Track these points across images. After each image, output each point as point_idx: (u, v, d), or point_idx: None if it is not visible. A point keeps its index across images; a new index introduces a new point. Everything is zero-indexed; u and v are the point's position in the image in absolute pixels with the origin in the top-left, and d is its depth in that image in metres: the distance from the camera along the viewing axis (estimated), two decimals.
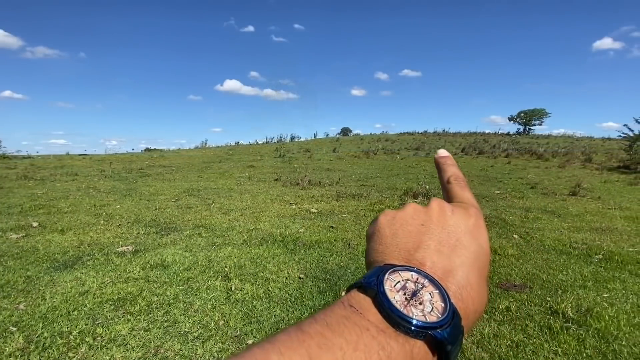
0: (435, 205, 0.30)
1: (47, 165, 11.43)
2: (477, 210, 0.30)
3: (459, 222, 0.28)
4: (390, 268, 0.24)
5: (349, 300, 0.23)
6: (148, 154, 17.94)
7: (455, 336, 0.22)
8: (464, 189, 0.33)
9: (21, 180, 7.76)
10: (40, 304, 2.27)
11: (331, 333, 0.20)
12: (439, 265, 0.25)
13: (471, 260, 0.26)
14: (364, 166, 11.94)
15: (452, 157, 0.37)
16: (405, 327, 0.21)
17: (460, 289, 0.24)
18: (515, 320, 2.17)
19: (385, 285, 0.23)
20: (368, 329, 0.21)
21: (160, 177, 8.84)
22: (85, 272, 2.76)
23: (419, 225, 0.28)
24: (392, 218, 0.29)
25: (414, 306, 0.22)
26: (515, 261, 3.17)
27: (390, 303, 0.22)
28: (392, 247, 0.27)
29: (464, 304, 0.24)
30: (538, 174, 10.11)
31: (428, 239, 0.27)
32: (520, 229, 4.20)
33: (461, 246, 0.26)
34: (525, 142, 20.78)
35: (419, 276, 0.24)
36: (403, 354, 0.20)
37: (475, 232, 0.28)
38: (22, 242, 3.45)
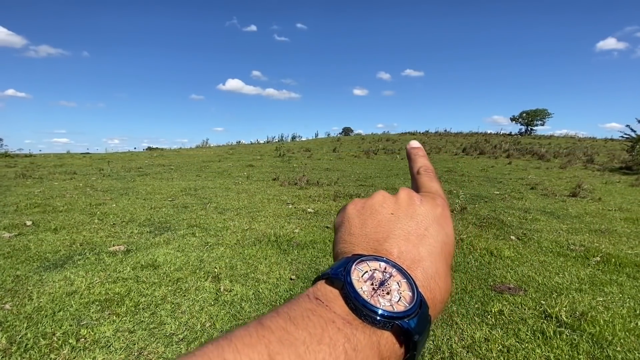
0: (404, 194, 0.30)
1: (46, 164, 11.45)
2: (444, 201, 0.31)
3: (427, 211, 0.28)
4: (358, 258, 0.24)
5: (315, 293, 0.22)
6: (148, 152, 17.96)
7: (422, 326, 0.22)
8: (433, 179, 0.33)
9: (19, 178, 7.77)
10: (27, 304, 2.24)
11: (294, 327, 0.19)
12: (407, 254, 0.25)
13: (438, 249, 0.26)
14: (363, 166, 11.89)
15: (423, 149, 0.37)
16: (372, 318, 0.21)
17: (428, 278, 0.24)
18: (507, 324, 2.12)
19: (353, 275, 0.23)
20: (334, 321, 0.20)
21: (159, 176, 8.83)
22: (75, 272, 2.73)
23: (389, 214, 0.28)
24: (362, 207, 0.29)
25: (381, 296, 0.22)
26: (511, 263, 3.12)
27: (357, 293, 0.22)
28: (361, 237, 0.27)
29: (431, 293, 0.24)
30: (539, 174, 10.03)
31: (397, 229, 0.26)
32: (518, 230, 4.15)
33: (429, 235, 0.26)
34: (527, 143, 20.66)
35: (387, 266, 0.24)
36: (370, 345, 0.20)
37: (442, 222, 0.28)
38: (14, 241, 3.43)
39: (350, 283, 0.22)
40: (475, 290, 2.57)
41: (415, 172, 0.35)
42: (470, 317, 2.18)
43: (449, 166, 11.70)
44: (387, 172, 10.28)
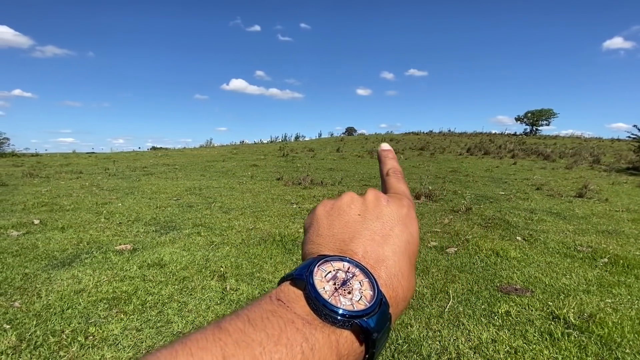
0: (371, 195, 0.30)
1: (53, 164, 11.56)
2: (410, 201, 0.32)
3: (393, 212, 0.29)
4: (323, 259, 0.25)
5: (277, 294, 0.22)
6: (153, 152, 18.06)
7: (381, 324, 0.22)
8: (400, 181, 0.35)
9: (26, 177, 7.85)
10: (36, 301, 2.27)
11: (252, 328, 0.19)
12: (372, 254, 0.26)
13: (402, 249, 0.27)
14: (367, 166, 11.87)
15: (393, 151, 0.39)
16: (332, 318, 0.21)
17: (391, 277, 0.25)
18: (514, 325, 2.11)
19: (316, 276, 0.23)
20: (293, 321, 0.20)
21: (163, 176, 8.88)
22: (82, 270, 2.76)
23: (356, 215, 0.28)
24: (330, 208, 0.30)
25: (342, 295, 0.22)
26: (518, 264, 3.10)
27: (318, 293, 0.22)
28: (329, 238, 0.27)
29: (394, 291, 0.25)
30: (544, 175, 9.96)
31: (363, 229, 0.27)
32: (523, 231, 4.12)
33: (394, 235, 0.27)
34: (532, 143, 20.51)
35: (351, 265, 0.24)
36: (328, 344, 0.20)
37: (408, 222, 0.29)
38: (23, 240, 3.47)
39: (312, 284, 0.22)
40: (481, 291, 2.56)
41: (385, 173, 0.36)
42: (476, 318, 2.17)
43: (453, 166, 11.65)
44: None
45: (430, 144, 19.73)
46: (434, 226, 4.28)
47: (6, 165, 10.61)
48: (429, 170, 8.37)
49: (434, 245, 3.55)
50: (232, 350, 0.18)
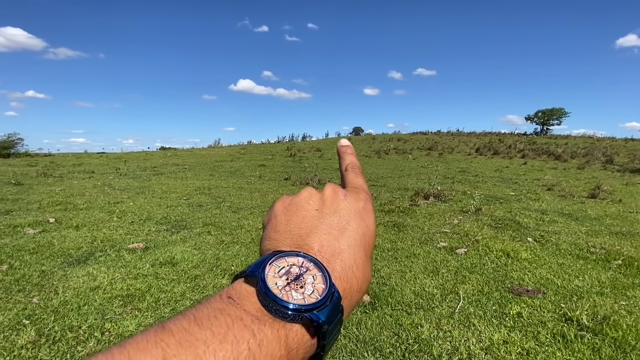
0: (329, 190, 0.31)
1: (66, 163, 11.80)
2: (367, 195, 0.32)
3: (350, 206, 0.29)
4: (277, 254, 0.25)
5: (229, 292, 0.22)
6: (162, 152, 18.29)
7: (333, 316, 0.22)
8: (358, 175, 0.35)
9: (41, 177, 8.03)
10: (53, 298, 2.33)
11: (198, 327, 0.19)
12: (328, 248, 0.26)
13: (358, 241, 0.27)
14: (375, 166, 11.84)
15: (352, 147, 0.40)
16: (282, 312, 0.21)
17: (345, 269, 0.25)
18: (526, 326, 2.10)
19: (269, 272, 0.23)
20: (242, 318, 0.20)
21: (173, 176, 8.99)
22: (97, 268, 2.82)
23: (314, 210, 0.29)
24: (289, 204, 0.30)
25: (294, 290, 0.23)
26: (529, 265, 3.07)
27: (268, 289, 0.22)
28: (286, 234, 0.27)
29: (348, 284, 0.25)
30: (555, 175, 9.80)
31: (320, 223, 0.28)
32: (534, 232, 4.07)
33: (350, 228, 0.28)
34: (543, 143, 20.19)
35: (305, 260, 0.25)
36: (277, 339, 0.20)
37: (364, 215, 0.30)
38: (39, 238, 3.56)
39: (263, 279, 0.23)
40: (492, 292, 2.54)
41: (344, 168, 0.37)
42: (487, 319, 2.16)
43: (462, 166, 11.55)
44: (399, 172, 10.21)
45: (438, 143, 19.58)
46: (443, 227, 4.26)
47: (21, 165, 10.86)
48: (438, 170, 8.32)
49: (443, 246, 3.53)
50: (174, 351, 0.18)
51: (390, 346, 1.88)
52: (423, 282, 2.69)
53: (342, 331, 2.01)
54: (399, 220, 4.52)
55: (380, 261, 3.11)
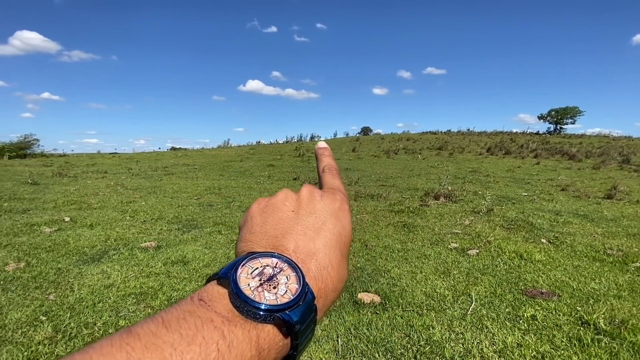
0: (305, 191, 0.31)
1: (80, 164, 12.07)
2: (343, 195, 0.33)
3: (326, 206, 0.30)
4: (250, 255, 0.25)
5: (200, 294, 0.22)
6: (173, 152, 18.54)
7: (305, 316, 0.22)
8: (335, 177, 0.36)
9: (56, 177, 8.22)
10: (69, 295, 2.38)
11: (165, 330, 0.19)
12: (303, 248, 0.26)
13: (334, 241, 0.27)
14: (384, 166, 11.77)
15: (329, 149, 0.40)
16: (254, 313, 0.21)
17: (321, 269, 0.25)
18: (541, 329, 2.05)
19: (241, 273, 0.23)
20: (212, 320, 0.20)
21: (184, 176, 9.11)
22: (111, 266, 2.87)
23: (290, 211, 0.29)
24: (265, 206, 0.30)
25: (267, 290, 0.23)
26: (543, 267, 3.01)
27: (240, 290, 0.22)
28: (261, 235, 0.27)
29: (323, 283, 0.25)
30: (570, 175, 9.59)
31: (296, 224, 0.28)
32: (549, 234, 3.99)
33: (326, 229, 0.28)
34: (556, 142, 19.77)
35: (279, 261, 0.25)
36: (247, 340, 0.20)
37: (340, 215, 0.30)
38: (55, 236, 3.64)
39: (235, 281, 0.23)
40: (505, 294, 2.50)
41: (321, 170, 0.37)
42: (501, 322, 2.12)
43: (473, 166, 11.39)
44: (409, 172, 10.13)
45: (448, 143, 19.36)
46: (454, 227, 4.21)
47: (37, 165, 11.15)
48: (448, 171, 8.22)
49: (454, 247, 3.49)
50: (139, 354, 0.17)
51: (402, 347, 1.86)
52: (434, 283, 2.66)
53: (353, 331, 2.00)
54: (409, 220, 4.48)
55: (390, 262, 3.09)
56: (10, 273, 2.69)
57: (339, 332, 2.01)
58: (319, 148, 0.41)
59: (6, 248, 3.24)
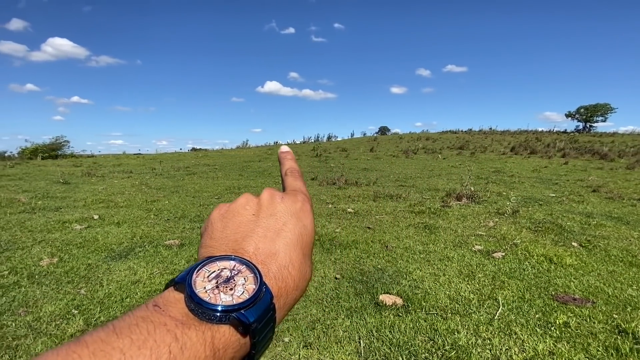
0: (266, 194, 0.32)
1: (106, 164, 12.57)
2: (305, 196, 0.33)
3: (287, 207, 0.30)
4: (208, 259, 0.25)
5: (155, 301, 0.23)
6: (194, 153, 19.02)
7: (262, 314, 0.23)
8: (297, 179, 0.37)
9: (85, 177, 8.60)
10: (98, 290, 2.48)
11: (116, 337, 0.19)
12: (263, 249, 0.27)
13: (294, 241, 0.28)
14: (402, 166, 11.60)
15: (292, 153, 0.41)
16: (209, 315, 0.21)
17: (281, 269, 0.26)
18: (574, 337, 1.95)
19: (198, 277, 0.24)
20: (165, 324, 0.20)
21: (205, 175, 9.31)
22: (137, 263, 2.97)
23: (250, 215, 0.29)
24: (225, 211, 0.31)
25: (223, 292, 0.23)
26: (575, 272, 2.87)
27: (194, 293, 0.22)
28: (221, 240, 0.28)
29: (283, 282, 0.26)
30: (601, 175, 9.12)
31: (256, 227, 0.28)
32: (580, 237, 3.80)
33: (286, 229, 0.28)
34: (586, 141, 18.85)
35: (237, 263, 0.25)
36: (201, 341, 0.20)
37: (301, 215, 0.30)
38: (85, 233, 3.80)
39: (190, 284, 0.23)
40: (534, 299, 2.39)
41: (283, 173, 0.38)
42: (531, 328, 2.03)
43: (496, 166, 11.04)
44: (429, 172, 9.94)
45: (470, 142, 18.86)
46: (477, 229, 4.09)
47: (67, 166, 11.70)
48: (471, 170, 7.98)
49: (478, 249, 3.38)
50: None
51: (426, 351, 1.82)
52: (458, 286, 2.59)
53: (375, 333, 1.97)
54: (430, 221, 4.39)
55: (411, 263, 3.03)
56: (44, 268, 2.83)
57: (360, 333, 1.99)
58: (281, 152, 0.41)
59: (40, 244, 3.40)
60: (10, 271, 2.74)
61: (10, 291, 2.41)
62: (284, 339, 1.94)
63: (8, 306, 2.22)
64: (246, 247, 0.27)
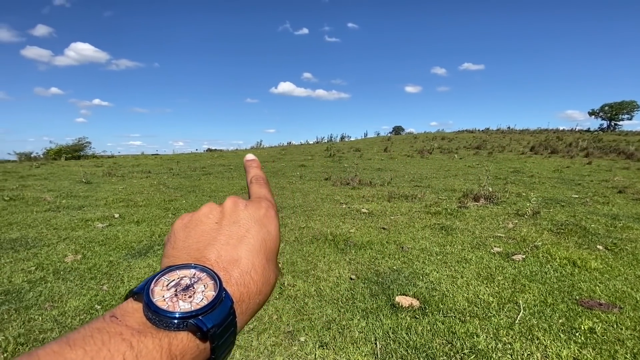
0: (229, 202, 0.32)
1: (126, 164, 12.94)
2: (269, 203, 0.33)
3: (250, 214, 0.31)
4: (169, 268, 0.25)
5: (113, 312, 0.23)
6: (209, 153, 19.34)
7: (222, 320, 0.23)
8: (262, 186, 0.37)
9: (106, 177, 8.88)
10: (120, 286, 2.55)
11: (69, 348, 0.19)
12: (225, 256, 0.27)
13: (257, 247, 0.28)
14: (417, 166, 11.45)
15: (257, 161, 0.42)
16: (167, 322, 0.22)
17: (243, 274, 0.26)
18: (600, 344, 1.87)
19: (156, 286, 0.24)
20: (121, 333, 0.20)
21: (220, 176, 9.45)
22: (156, 260, 3.04)
23: (213, 223, 0.30)
24: (188, 221, 0.31)
25: (182, 300, 0.23)
26: (600, 276, 2.75)
27: (151, 302, 0.22)
28: (184, 250, 0.28)
29: (245, 287, 0.26)
30: (628, 176, 8.74)
31: (219, 235, 0.28)
32: (605, 239, 3.65)
33: (249, 236, 0.29)
34: (611, 140, 18.11)
35: (197, 271, 0.25)
36: (158, 349, 0.20)
37: (265, 221, 0.31)
38: (106, 231, 3.92)
39: (147, 294, 0.23)
40: (557, 303, 2.31)
41: (249, 181, 0.39)
42: (554, 333, 1.96)
43: (515, 166, 10.75)
44: (445, 172, 9.77)
45: (487, 142, 18.44)
46: (496, 231, 3.99)
47: (89, 166, 12.12)
48: (488, 171, 7.80)
49: (497, 251, 3.30)
50: None
51: (444, 354, 1.78)
52: (477, 289, 2.53)
53: (391, 335, 1.95)
54: (447, 223, 4.31)
55: (428, 265, 2.98)
56: (68, 264, 2.94)
57: (377, 335, 1.97)
58: (246, 160, 0.42)
59: (65, 241, 3.53)
60: (37, 267, 2.85)
61: (37, 286, 2.51)
62: (300, 338, 1.95)
63: (35, 300, 2.31)
64: (208, 255, 0.27)
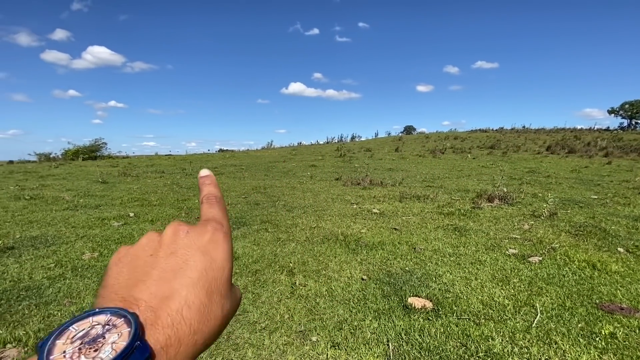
0: (169, 231, 0.29)
1: (140, 164, 13.21)
2: (217, 225, 0.30)
3: (191, 242, 0.28)
4: (81, 315, 0.23)
5: None
6: (221, 154, 19.57)
7: None
8: (213, 205, 0.33)
9: (121, 176, 9.08)
10: None
11: None
12: (158, 294, 0.24)
13: (195, 279, 0.26)
14: (429, 166, 11.31)
15: (212, 177, 0.37)
16: None
17: (173, 314, 0.24)
18: (622, 349, 1.81)
19: (61, 339, 0.22)
20: None
21: (232, 175, 9.55)
22: None
23: (148, 256, 0.27)
24: (123, 255, 0.28)
25: (85, 355, 0.21)
26: (621, 279, 2.66)
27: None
28: (112, 288, 0.26)
29: (173, 329, 0.23)
30: None
31: (153, 269, 0.26)
32: (626, 242, 3.53)
33: (187, 267, 0.26)
34: (631, 139, 17.49)
35: (113, 317, 0.23)
36: None
37: (209, 247, 0.28)
38: (122, 229, 4.01)
39: (44, 351, 0.21)
40: (576, 307, 2.25)
41: (200, 201, 0.35)
42: (573, 338, 1.91)
43: (530, 166, 10.51)
44: (458, 172, 9.62)
45: (501, 141, 18.07)
46: (511, 232, 3.90)
47: (105, 166, 12.41)
48: (503, 171, 7.64)
49: (513, 253, 3.23)
50: None
51: (458, 357, 1.75)
52: (491, 291, 2.48)
53: (404, 337, 1.93)
54: (461, 223, 4.24)
55: (441, 266, 2.94)
56: (86, 261, 3.01)
57: (389, 336, 1.95)
58: (200, 177, 0.38)
59: (82, 239, 3.63)
60: (56, 264, 2.94)
61: (56, 282, 2.59)
62: (312, 338, 1.94)
63: (54, 297, 2.38)
64: (138, 295, 0.24)
